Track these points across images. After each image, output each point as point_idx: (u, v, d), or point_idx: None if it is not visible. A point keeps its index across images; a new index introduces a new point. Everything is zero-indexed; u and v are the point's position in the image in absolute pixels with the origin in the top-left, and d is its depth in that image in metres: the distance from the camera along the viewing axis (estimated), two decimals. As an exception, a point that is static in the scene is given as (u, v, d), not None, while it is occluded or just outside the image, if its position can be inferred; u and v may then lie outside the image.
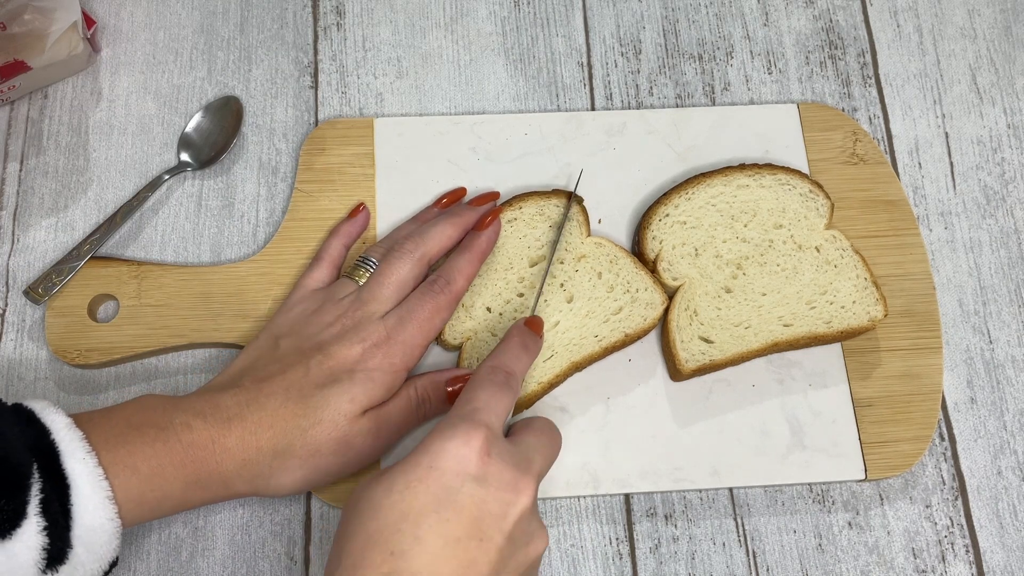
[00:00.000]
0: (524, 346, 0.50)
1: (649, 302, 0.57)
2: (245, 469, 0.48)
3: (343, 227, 0.59)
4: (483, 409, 0.44)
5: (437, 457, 0.42)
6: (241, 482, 0.48)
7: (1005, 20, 0.70)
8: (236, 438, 0.47)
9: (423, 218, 0.59)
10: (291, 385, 0.49)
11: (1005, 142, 0.67)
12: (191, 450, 0.46)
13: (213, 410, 0.48)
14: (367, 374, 0.50)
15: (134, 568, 0.53)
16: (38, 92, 0.64)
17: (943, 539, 0.57)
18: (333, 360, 0.50)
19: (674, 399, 0.57)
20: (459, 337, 0.56)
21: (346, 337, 0.51)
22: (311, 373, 0.50)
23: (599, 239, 0.58)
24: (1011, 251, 0.63)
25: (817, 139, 0.64)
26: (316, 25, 0.67)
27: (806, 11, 0.70)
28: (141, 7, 0.67)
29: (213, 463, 0.47)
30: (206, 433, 0.47)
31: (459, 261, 0.56)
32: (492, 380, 0.46)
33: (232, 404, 0.48)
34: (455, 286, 0.55)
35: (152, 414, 0.47)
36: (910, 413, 0.58)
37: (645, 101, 0.66)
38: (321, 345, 0.51)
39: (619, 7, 0.69)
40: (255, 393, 0.49)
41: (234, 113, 0.64)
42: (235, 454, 0.47)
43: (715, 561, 0.55)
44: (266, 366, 0.51)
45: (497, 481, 0.42)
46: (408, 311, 0.53)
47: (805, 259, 0.58)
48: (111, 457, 0.44)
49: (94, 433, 0.44)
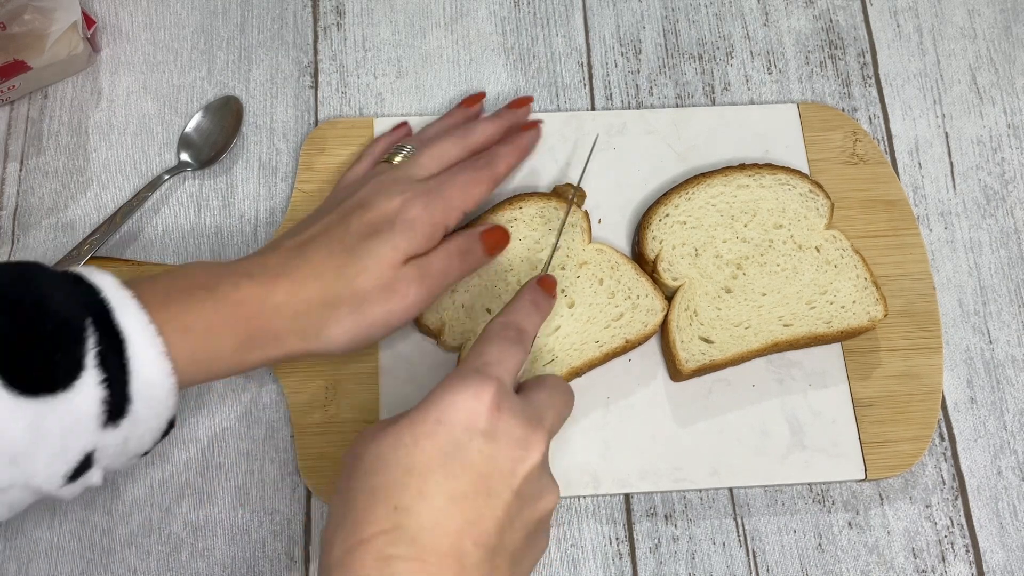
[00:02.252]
0: (535, 304, 0.50)
1: (650, 308, 0.57)
2: (295, 322, 0.48)
3: (387, 135, 0.61)
4: (494, 363, 0.44)
5: (446, 411, 0.41)
6: (294, 337, 0.48)
7: (1005, 20, 0.70)
8: (284, 293, 0.47)
9: (448, 119, 0.61)
10: (333, 239, 0.50)
11: (1005, 142, 0.67)
12: (240, 308, 0.46)
13: (260, 269, 0.48)
14: (407, 223, 0.50)
15: (134, 568, 0.54)
16: (38, 92, 0.64)
17: (943, 539, 0.57)
18: (373, 212, 0.51)
19: (674, 399, 0.57)
20: (459, 338, 0.56)
21: (385, 191, 0.52)
22: (351, 227, 0.50)
23: (600, 246, 0.58)
24: (1011, 251, 0.64)
25: (817, 139, 0.64)
26: (316, 25, 0.67)
27: (806, 11, 0.70)
28: (141, 7, 0.67)
29: (263, 320, 0.47)
30: (254, 290, 0.47)
31: (503, 148, 0.57)
32: (503, 335, 0.46)
33: (277, 262, 0.48)
34: (496, 168, 0.56)
35: (197, 278, 0.46)
36: (910, 413, 0.58)
37: (645, 101, 0.66)
38: (361, 201, 0.52)
39: (619, 7, 0.69)
40: (299, 250, 0.49)
41: (234, 113, 0.64)
42: (284, 309, 0.47)
43: (715, 561, 0.55)
44: (307, 228, 0.51)
45: (507, 436, 0.42)
46: (449, 175, 0.54)
47: (805, 259, 0.58)
48: (162, 316, 0.43)
49: (143, 294, 0.43)
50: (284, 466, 0.56)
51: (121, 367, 0.41)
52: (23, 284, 0.41)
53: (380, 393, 0.57)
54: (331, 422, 0.56)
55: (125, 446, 0.43)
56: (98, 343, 0.41)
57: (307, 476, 0.55)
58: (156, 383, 0.42)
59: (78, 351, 0.40)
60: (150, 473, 0.55)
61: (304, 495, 0.56)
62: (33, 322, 0.40)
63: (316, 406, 0.56)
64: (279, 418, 0.57)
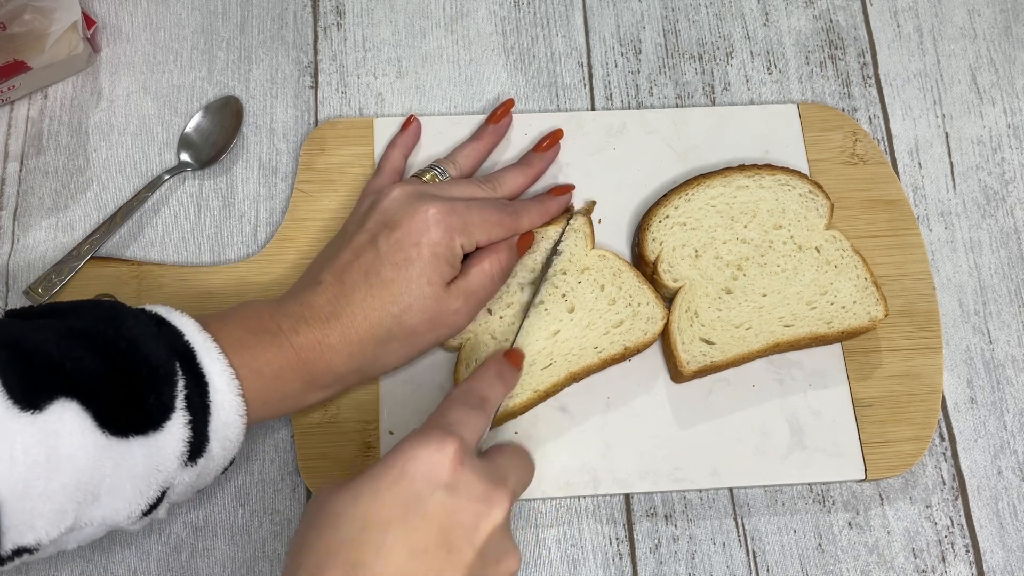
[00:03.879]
0: (500, 375, 0.50)
1: (650, 316, 0.56)
2: (352, 361, 0.49)
3: (399, 138, 0.61)
4: (456, 423, 0.44)
5: (408, 464, 0.41)
6: (352, 375, 0.50)
7: (1005, 20, 0.70)
8: (337, 335, 0.49)
9: (480, 142, 0.61)
10: (368, 270, 0.50)
11: (1005, 142, 0.67)
12: (303, 352, 0.48)
13: (310, 312, 0.49)
14: (432, 248, 0.50)
15: (134, 568, 0.53)
16: (38, 92, 0.64)
17: (943, 539, 0.57)
18: (399, 231, 0.51)
19: (674, 399, 0.57)
20: (459, 338, 0.56)
21: (409, 206, 0.52)
22: (381, 252, 0.50)
23: (603, 252, 0.58)
24: (1011, 251, 0.64)
25: (817, 139, 0.64)
26: (316, 25, 0.67)
27: (806, 11, 0.70)
28: (141, 7, 0.67)
29: (324, 362, 0.48)
30: (311, 336, 0.48)
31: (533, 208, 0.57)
32: (466, 401, 0.46)
33: (324, 303, 0.49)
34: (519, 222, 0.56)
35: (262, 321, 0.48)
36: (910, 413, 0.58)
37: (645, 101, 0.66)
38: (387, 220, 0.52)
39: (619, 7, 0.69)
40: (339, 287, 0.50)
41: (234, 113, 0.64)
42: (340, 350, 0.49)
43: (715, 561, 0.55)
44: (339, 254, 0.51)
45: (469, 491, 0.41)
46: (477, 205, 0.54)
47: (805, 259, 0.58)
48: (238, 360, 0.45)
49: (219, 336, 0.45)
50: (284, 466, 0.56)
51: (204, 407, 0.43)
52: (112, 326, 0.42)
53: (380, 393, 0.57)
54: (331, 422, 0.56)
55: (195, 482, 0.45)
56: (186, 386, 0.43)
57: (307, 476, 0.55)
58: (231, 423, 0.45)
59: (170, 393, 0.42)
60: (150, 473, 0.55)
61: (304, 495, 0.56)
62: (127, 365, 0.41)
63: (316, 406, 0.56)
64: (279, 418, 0.57)
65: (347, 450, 0.55)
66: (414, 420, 0.56)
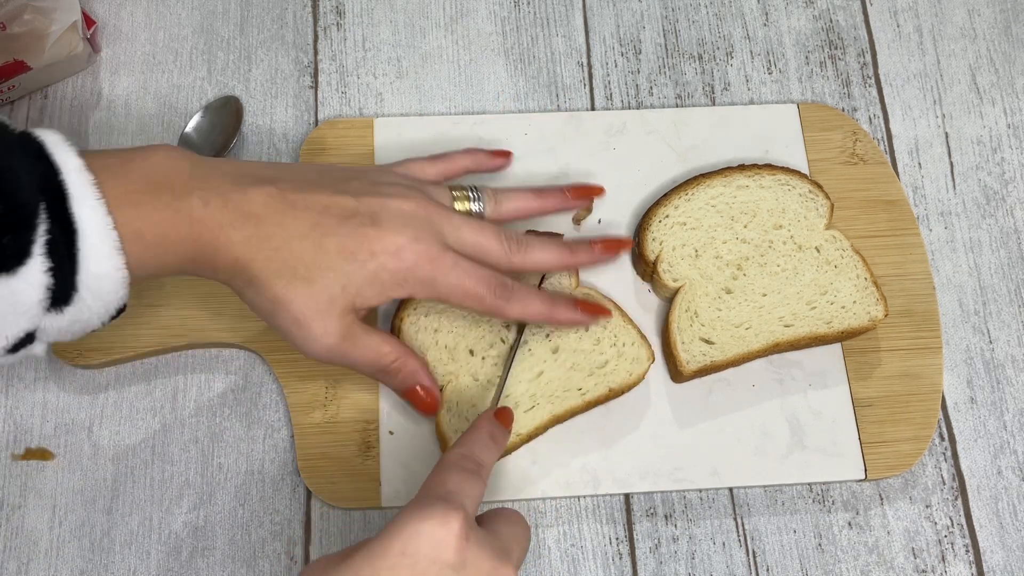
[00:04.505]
0: (493, 437, 0.47)
1: (635, 357, 0.56)
2: (233, 267, 0.46)
3: (481, 155, 0.58)
4: (457, 492, 0.41)
5: (411, 541, 0.38)
6: (224, 275, 0.46)
7: (1005, 20, 0.70)
8: (242, 237, 0.45)
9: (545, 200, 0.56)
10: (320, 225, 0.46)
11: (1005, 142, 0.67)
12: (196, 227, 0.44)
13: (238, 197, 0.45)
14: (380, 270, 0.47)
15: (134, 568, 0.54)
16: (38, 92, 0.64)
17: (943, 539, 0.57)
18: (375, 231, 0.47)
19: (674, 399, 0.57)
20: (440, 380, 0.55)
21: (405, 221, 0.48)
22: (342, 228, 0.46)
23: (587, 289, 0.57)
24: (1011, 251, 0.64)
25: (817, 139, 0.64)
26: (316, 25, 0.67)
27: (806, 11, 0.70)
28: (141, 7, 0.67)
29: (211, 249, 0.45)
30: (219, 216, 0.44)
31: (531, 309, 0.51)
32: (463, 467, 0.43)
33: (259, 201, 0.45)
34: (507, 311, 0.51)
35: (173, 174, 0.44)
36: (910, 413, 0.58)
37: (645, 101, 0.66)
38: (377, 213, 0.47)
39: (619, 7, 0.69)
40: (281, 205, 0.46)
41: (234, 113, 0.64)
42: (232, 250, 0.45)
43: (715, 561, 0.55)
44: (312, 183, 0.48)
45: (476, 570, 0.38)
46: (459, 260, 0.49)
47: (805, 259, 0.58)
48: (121, 214, 0.41)
49: (108, 182, 0.41)
50: (284, 466, 0.56)
51: (71, 257, 0.40)
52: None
53: (379, 393, 0.57)
54: (331, 422, 0.56)
55: (71, 327, 0.42)
56: (48, 231, 0.39)
57: (307, 476, 0.55)
58: (105, 276, 0.41)
59: (26, 238, 0.39)
60: (150, 473, 0.55)
61: (304, 495, 0.56)
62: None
63: (316, 406, 0.56)
64: (279, 418, 0.57)
65: (347, 450, 0.55)
66: (414, 420, 0.56)
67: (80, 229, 0.40)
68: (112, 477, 0.55)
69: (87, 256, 0.40)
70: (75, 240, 0.40)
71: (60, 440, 0.56)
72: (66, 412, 0.56)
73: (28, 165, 0.40)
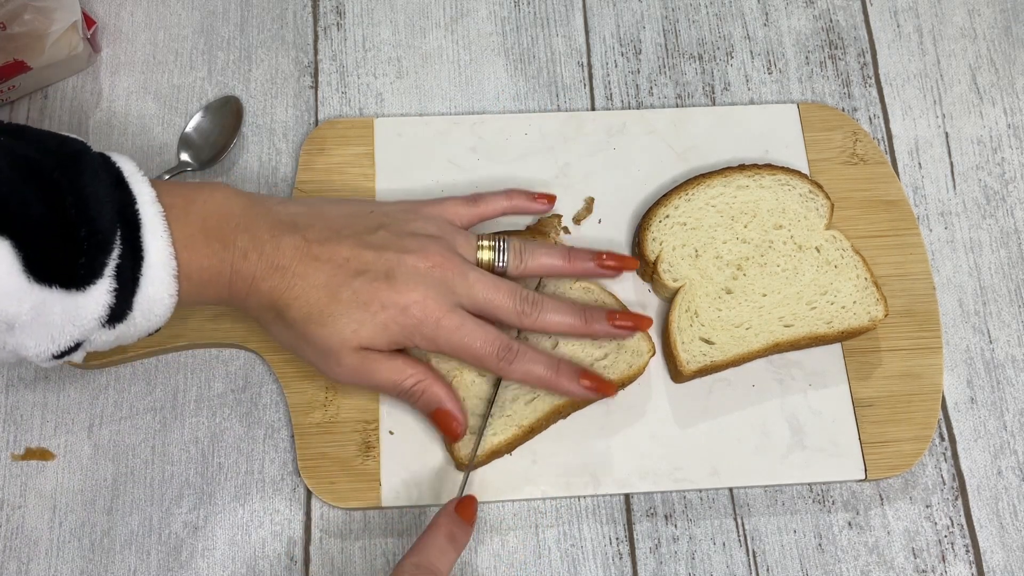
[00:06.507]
0: (451, 537, 0.47)
1: (635, 350, 0.56)
2: (260, 308, 0.50)
3: (521, 197, 0.59)
4: None
5: None
6: (254, 312, 0.51)
7: (1005, 20, 0.70)
8: (269, 287, 0.49)
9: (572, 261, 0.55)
10: (340, 274, 0.50)
11: (1005, 142, 0.67)
12: (235, 277, 0.49)
13: (272, 250, 0.49)
14: (389, 317, 0.49)
15: (134, 568, 0.53)
16: (38, 92, 0.64)
17: (943, 539, 0.57)
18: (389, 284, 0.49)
19: (674, 399, 0.57)
20: (445, 376, 0.54)
21: (421, 280, 0.50)
22: (358, 283, 0.49)
23: (587, 285, 0.57)
24: (1011, 251, 0.64)
25: (817, 139, 0.64)
26: (316, 25, 0.67)
27: (806, 11, 0.70)
28: (141, 7, 0.67)
29: (243, 294, 0.49)
30: (253, 268, 0.49)
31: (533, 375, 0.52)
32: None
33: (288, 253, 0.49)
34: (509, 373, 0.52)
35: (224, 220, 0.48)
36: (910, 413, 0.58)
37: (645, 101, 0.66)
38: (393, 269, 0.50)
39: (619, 7, 0.69)
40: (309, 257, 0.50)
41: (234, 113, 0.64)
42: (260, 297, 0.49)
43: (715, 561, 0.55)
44: (340, 232, 0.51)
45: None
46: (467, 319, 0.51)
47: (805, 259, 0.58)
48: (183, 255, 0.46)
49: (175, 222, 0.46)
50: (284, 466, 0.56)
51: (134, 280, 0.44)
52: (68, 175, 0.42)
53: (379, 393, 0.57)
54: (331, 422, 0.56)
55: (114, 341, 0.46)
56: (120, 256, 0.43)
57: (307, 476, 0.55)
58: (158, 300, 0.46)
59: (101, 260, 0.43)
60: (150, 473, 0.55)
61: (304, 495, 0.56)
62: (70, 221, 0.42)
63: (316, 406, 0.56)
64: (279, 418, 0.57)
65: (347, 450, 0.55)
66: (414, 420, 0.56)
67: (147, 256, 0.45)
68: (112, 477, 0.55)
69: (147, 281, 0.45)
70: (141, 266, 0.44)
71: (60, 440, 0.56)
72: (66, 412, 0.56)
73: (109, 192, 0.44)
